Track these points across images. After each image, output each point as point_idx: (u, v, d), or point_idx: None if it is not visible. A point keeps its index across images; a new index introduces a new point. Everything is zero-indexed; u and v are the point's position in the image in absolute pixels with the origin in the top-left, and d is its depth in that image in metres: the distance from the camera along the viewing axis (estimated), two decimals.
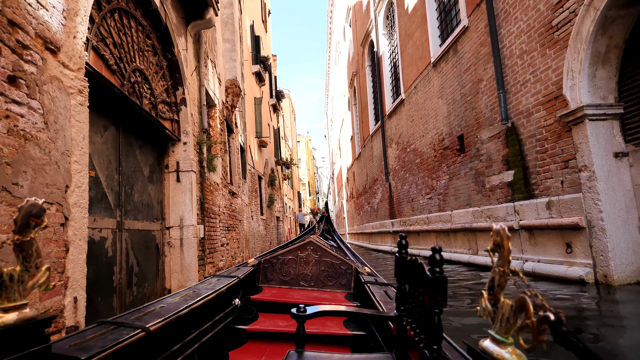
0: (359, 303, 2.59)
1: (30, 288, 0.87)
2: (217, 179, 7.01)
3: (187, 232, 5.16)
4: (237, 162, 9.73)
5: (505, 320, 0.69)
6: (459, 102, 7.19)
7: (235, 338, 2.23)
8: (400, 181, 10.89)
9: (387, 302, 1.85)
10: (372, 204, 14.86)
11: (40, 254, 0.89)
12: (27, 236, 0.85)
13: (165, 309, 1.53)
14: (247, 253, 10.40)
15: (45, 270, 0.90)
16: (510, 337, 0.69)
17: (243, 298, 2.51)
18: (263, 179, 14.39)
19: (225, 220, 7.60)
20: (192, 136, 5.47)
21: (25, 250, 0.86)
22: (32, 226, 0.86)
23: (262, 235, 13.24)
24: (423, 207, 9.19)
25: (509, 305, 0.68)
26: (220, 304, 2.18)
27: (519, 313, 0.65)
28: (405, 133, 10.28)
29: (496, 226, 0.73)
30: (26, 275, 0.86)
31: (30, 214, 0.85)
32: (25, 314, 0.84)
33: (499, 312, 0.71)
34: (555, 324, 0.54)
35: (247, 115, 12.26)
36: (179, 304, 1.64)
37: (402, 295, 1.23)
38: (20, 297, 0.84)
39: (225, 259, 7.24)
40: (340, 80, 24.78)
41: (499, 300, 0.71)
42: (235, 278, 2.48)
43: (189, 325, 1.72)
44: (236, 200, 9.11)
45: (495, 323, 0.72)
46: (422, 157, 9.12)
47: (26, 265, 0.86)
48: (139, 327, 1.25)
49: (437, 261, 0.87)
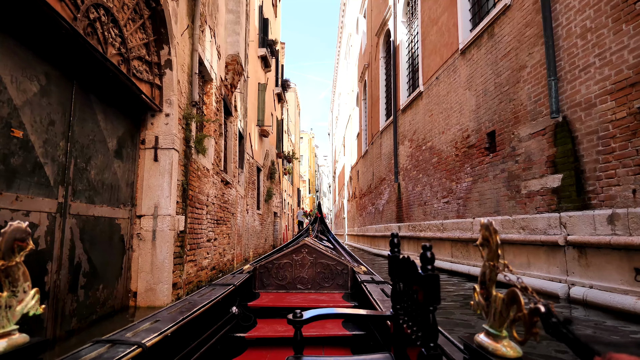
0: (356, 303, 2.56)
1: (20, 313, 0.84)
2: (208, 164, 6.06)
3: (161, 223, 4.21)
4: (234, 149, 8.79)
5: (499, 314, 0.68)
6: (491, 93, 6.23)
7: (235, 346, 2.20)
8: (411, 182, 9.94)
9: (384, 300, 1.85)
10: (376, 205, 13.90)
11: (27, 278, 0.86)
12: (12, 261, 0.82)
13: (161, 323, 1.50)
14: (238, 250, 9.46)
15: (34, 293, 0.87)
16: (504, 330, 0.68)
17: (240, 305, 2.48)
18: (262, 170, 13.44)
19: (215, 212, 6.65)
20: (177, 108, 4.51)
21: (12, 275, 0.83)
22: (17, 250, 0.83)
23: (257, 231, 12.30)
24: (437, 212, 8.24)
25: (500, 298, 0.68)
26: (218, 313, 2.12)
27: (511, 306, 0.65)
28: (422, 129, 9.33)
29: (484, 220, 0.73)
30: (14, 300, 0.83)
31: (14, 238, 0.82)
32: (15, 340, 0.82)
33: (492, 306, 0.70)
34: (546, 316, 0.54)
35: (249, 101, 11.31)
36: (175, 317, 1.60)
37: (397, 293, 1.24)
38: (9, 323, 0.82)
39: (211, 256, 6.30)
40: (349, 75, 23.82)
41: (492, 294, 0.71)
42: (231, 286, 2.43)
43: (187, 338, 1.67)
44: (230, 190, 8.17)
45: (489, 317, 0.71)
46: (440, 156, 8.16)
47: (13, 291, 0.83)
48: (135, 344, 1.22)
49: (429, 259, 0.88)
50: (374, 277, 2.66)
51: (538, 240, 4.93)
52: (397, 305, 1.24)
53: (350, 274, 2.98)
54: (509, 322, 0.67)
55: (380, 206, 13.20)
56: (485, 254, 0.73)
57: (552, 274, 4.80)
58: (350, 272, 2.98)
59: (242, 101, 10.09)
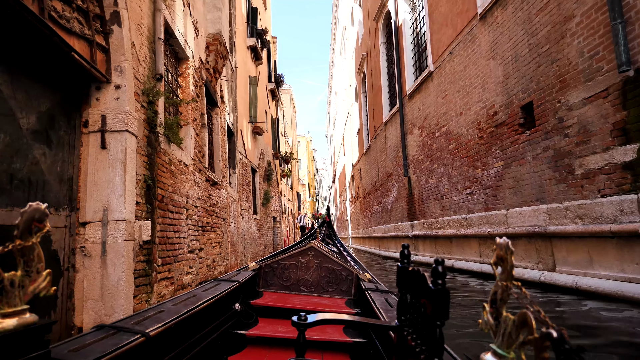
0: (359, 310, 2.56)
1: (31, 293, 0.85)
2: (186, 158, 4.98)
3: (114, 232, 3.12)
4: (222, 145, 7.70)
5: (508, 335, 0.65)
6: (525, 58, 5.17)
7: (235, 343, 2.19)
8: (424, 174, 8.86)
9: (387, 310, 1.84)
10: (383, 203, 12.81)
11: (41, 259, 0.87)
12: (29, 241, 0.83)
13: (165, 314, 1.50)
14: (233, 260, 8.35)
15: (46, 274, 0.88)
16: (512, 352, 0.65)
17: (243, 303, 2.47)
18: (257, 172, 12.36)
19: (199, 217, 5.56)
20: (132, 78, 3.44)
21: (27, 255, 0.84)
22: (34, 231, 0.84)
23: (254, 237, 11.18)
24: (459, 206, 7.15)
25: (511, 319, 0.65)
26: (220, 308, 2.11)
27: (521, 328, 0.61)
28: (434, 114, 8.26)
29: (499, 239, 0.68)
30: (27, 280, 0.84)
31: (32, 218, 0.83)
32: (26, 319, 0.83)
33: (501, 326, 0.67)
34: (558, 342, 0.51)
35: (240, 95, 10.25)
36: (179, 309, 1.60)
37: (404, 305, 1.22)
38: (21, 303, 0.83)
39: (196, 270, 5.19)
40: (346, 70, 22.83)
41: (502, 314, 0.68)
42: (236, 282, 2.43)
43: (189, 330, 1.67)
44: (219, 192, 7.08)
45: (497, 337, 0.68)
46: (459, 141, 7.09)
47: (27, 270, 0.84)
48: (139, 332, 1.23)
49: (440, 273, 0.86)
50: (378, 286, 2.61)
51: (606, 230, 3.85)
52: (403, 316, 1.22)
53: (354, 280, 2.94)
54: (518, 344, 0.63)
55: (389, 204, 12.11)
56: (498, 273, 0.70)
57: (628, 272, 3.71)
58: (355, 279, 2.94)
59: (231, 93, 9.03)
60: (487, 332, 0.72)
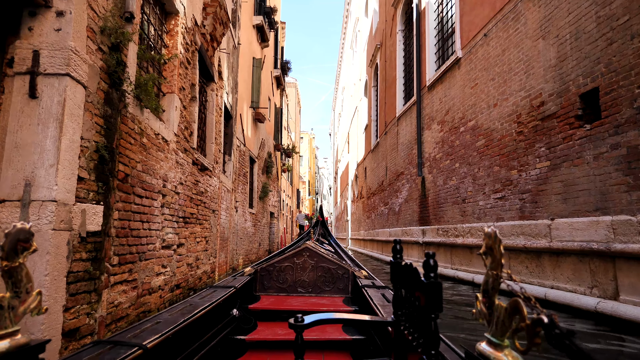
0: (357, 307, 2.55)
1: (22, 314, 0.83)
2: (166, 132, 4.03)
3: (37, 216, 2.17)
4: (217, 127, 6.75)
5: (501, 323, 0.67)
6: (590, 34, 4.21)
7: (235, 349, 2.17)
8: (442, 174, 7.90)
9: (384, 305, 1.84)
10: (391, 204, 11.85)
11: (30, 279, 0.84)
12: (15, 262, 0.81)
13: (162, 325, 1.47)
14: (222, 257, 7.40)
15: (36, 294, 0.85)
16: (506, 339, 0.67)
17: (241, 308, 2.47)
18: (257, 162, 11.40)
19: (181, 206, 4.61)
20: (84, 5, 2.48)
21: (15, 275, 0.81)
22: (20, 251, 0.82)
23: (249, 233, 10.23)
24: (485, 212, 6.20)
25: (503, 308, 0.66)
26: (218, 315, 2.09)
27: (513, 316, 0.63)
28: (459, 106, 7.30)
29: (487, 229, 0.70)
30: (17, 301, 0.82)
31: (17, 239, 0.81)
32: (18, 340, 0.81)
33: (494, 315, 0.69)
34: (549, 326, 0.53)
35: (241, 76, 9.30)
36: (176, 319, 1.58)
37: (399, 300, 1.23)
38: (12, 324, 0.80)
39: (171, 270, 4.24)
40: (356, 64, 21.87)
41: (494, 303, 0.69)
42: (232, 288, 2.40)
43: (187, 339, 1.65)
44: (210, 179, 6.13)
45: (490, 326, 0.70)
46: (490, 137, 6.13)
47: (16, 291, 0.82)
48: (136, 345, 1.21)
49: (431, 266, 0.87)
50: (375, 282, 2.61)
51: None
52: (399, 311, 1.23)
53: (351, 278, 2.96)
54: (511, 331, 0.65)
55: (397, 206, 11.15)
56: (488, 262, 0.71)
57: None
58: (351, 276, 2.96)
59: (231, 71, 8.07)
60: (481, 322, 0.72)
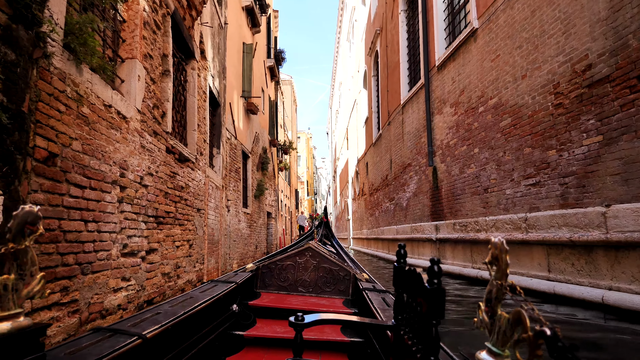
0: (356, 309, 2.55)
1: (25, 297, 0.83)
2: (124, 106, 3.13)
3: None
4: (201, 113, 5.86)
5: (502, 333, 0.66)
6: None
7: (233, 344, 2.18)
8: (457, 162, 7.03)
9: (384, 309, 1.84)
10: (397, 200, 10.96)
11: (35, 262, 0.85)
12: (22, 244, 0.82)
13: (162, 316, 1.48)
14: (212, 263, 6.50)
15: (40, 278, 0.86)
16: (507, 349, 0.66)
17: (241, 304, 2.47)
18: (250, 158, 10.50)
19: (151, 202, 3.71)
20: None
21: (20, 258, 0.82)
22: (27, 234, 0.82)
23: (243, 235, 9.33)
24: (514, 201, 5.33)
25: (505, 318, 0.66)
26: (218, 309, 2.10)
27: (516, 326, 0.62)
28: (476, 83, 6.43)
29: (494, 239, 0.69)
30: (21, 283, 0.83)
31: (25, 221, 0.82)
32: (20, 322, 0.81)
33: (496, 324, 0.68)
34: (552, 339, 0.52)
35: (231, 62, 8.41)
36: (176, 311, 1.59)
37: (400, 304, 1.22)
38: (15, 306, 0.81)
39: (137, 283, 3.34)
40: (353, 57, 21.01)
41: (496, 313, 0.68)
42: (233, 284, 2.41)
43: (186, 332, 1.65)
44: (191, 172, 5.23)
45: (492, 335, 0.69)
46: (519, 115, 5.26)
47: (21, 274, 0.82)
48: (135, 334, 1.21)
49: (436, 272, 0.86)
50: (376, 286, 2.60)
51: None
52: (400, 316, 1.23)
53: (352, 280, 2.94)
54: (513, 342, 0.64)
55: (404, 201, 10.26)
56: (493, 272, 0.70)
57: None
58: (352, 279, 2.94)
59: (217, 52, 7.18)
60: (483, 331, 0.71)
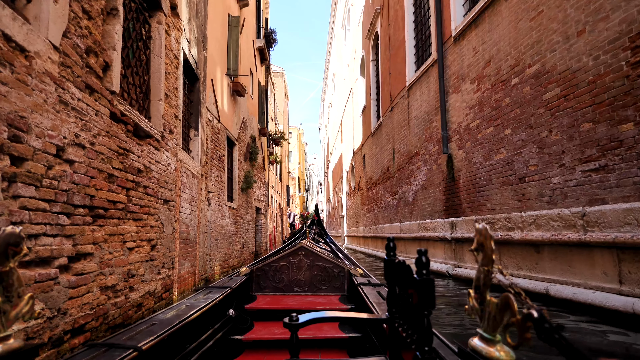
0: (353, 305, 2.56)
1: (14, 318, 0.81)
2: (20, 33, 1.93)
3: None
4: (171, 82, 4.65)
5: (492, 319, 0.67)
6: None
7: (232, 349, 2.18)
8: (481, 147, 5.94)
9: (380, 302, 1.86)
10: (401, 194, 9.86)
11: (21, 283, 0.82)
12: (6, 266, 0.80)
13: (157, 326, 1.46)
14: (187, 267, 5.29)
15: (28, 298, 0.84)
16: (498, 334, 0.67)
17: (237, 308, 2.48)
18: (237, 145, 9.29)
19: (81, 186, 2.48)
20: None
21: (5, 280, 0.80)
22: (10, 255, 0.80)
23: (228, 233, 8.13)
24: (564, 192, 4.25)
25: (494, 303, 0.67)
26: (214, 315, 2.09)
27: (505, 311, 0.63)
28: (508, 50, 5.34)
29: (478, 225, 0.71)
30: (8, 305, 0.81)
31: (8, 243, 0.80)
32: (10, 345, 0.79)
33: (486, 310, 0.69)
34: (539, 321, 0.53)
35: (213, 34, 7.18)
36: (171, 320, 1.56)
37: (393, 297, 1.24)
38: (4, 329, 0.80)
39: (52, 307, 2.12)
40: (349, 45, 19.85)
41: (485, 299, 0.70)
42: (228, 289, 2.42)
43: (183, 340, 1.63)
44: (156, 154, 4.03)
45: (482, 321, 0.70)
46: (573, 82, 4.17)
47: (7, 296, 0.81)
48: (131, 347, 1.19)
49: (424, 263, 0.87)
50: (371, 280, 2.61)
51: None
52: (393, 308, 1.23)
53: (346, 276, 2.95)
54: (503, 326, 0.65)
55: (409, 195, 9.16)
56: (480, 259, 0.70)
57: None
58: (347, 275, 2.95)
59: (195, 14, 5.95)
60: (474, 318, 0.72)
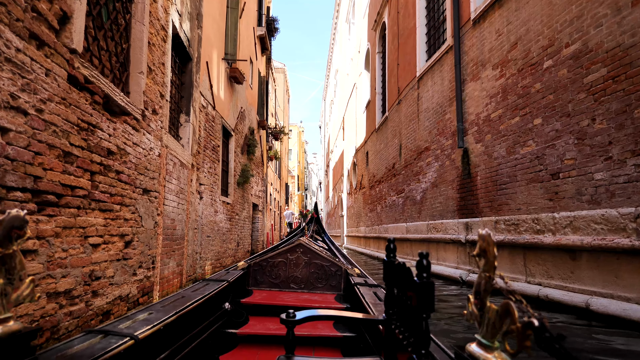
0: (348, 304, 2.56)
1: (15, 301, 0.83)
2: None
3: None
4: (156, 55, 4.03)
5: (491, 325, 0.66)
6: None
7: (226, 342, 2.19)
8: (504, 139, 5.33)
9: (376, 303, 1.84)
10: (408, 192, 9.25)
11: (24, 266, 0.84)
12: (9, 249, 0.81)
13: (154, 316, 1.47)
14: (172, 266, 4.65)
15: (29, 282, 0.85)
16: (496, 341, 0.66)
17: (233, 302, 2.47)
18: (233, 136, 8.67)
19: (22, 164, 1.83)
20: None
21: (8, 263, 0.81)
22: (14, 238, 0.82)
23: (221, 230, 7.51)
24: (611, 190, 3.65)
25: (494, 310, 0.66)
26: (210, 308, 2.11)
27: (505, 318, 0.62)
28: (540, 30, 4.72)
29: (482, 231, 0.69)
30: (9, 288, 0.82)
31: (12, 226, 0.81)
32: (10, 327, 0.80)
33: (485, 316, 0.68)
34: (539, 330, 0.52)
35: (210, 13, 6.56)
36: (168, 311, 1.58)
37: (391, 298, 1.22)
38: (4, 311, 0.80)
39: None
40: (353, 38, 19.24)
41: (485, 305, 0.68)
42: (225, 282, 2.42)
43: (179, 331, 1.65)
44: (134, 135, 3.40)
45: (481, 327, 0.69)
46: (625, 61, 3.56)
47: (9, 278, 0.82)
48: (127, 335, 1.20)
49: (424, 266, 0.87)
50: (367, 280, 2.61)
51: None
52: (391, 310, 1.22)
53: (343, 275, 2.94)
54: (502, 333, 0.64)
55: (418, 193, 8.55)
56: (481, 264, 0.70)
57: None
58: (344, 274, 2.94)
59: None
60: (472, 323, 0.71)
